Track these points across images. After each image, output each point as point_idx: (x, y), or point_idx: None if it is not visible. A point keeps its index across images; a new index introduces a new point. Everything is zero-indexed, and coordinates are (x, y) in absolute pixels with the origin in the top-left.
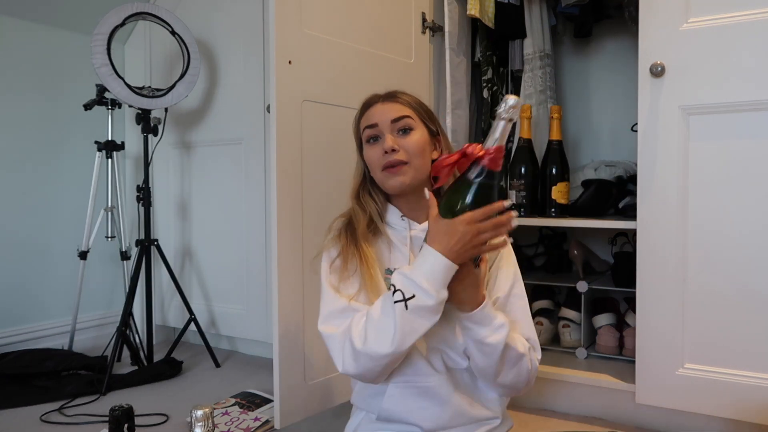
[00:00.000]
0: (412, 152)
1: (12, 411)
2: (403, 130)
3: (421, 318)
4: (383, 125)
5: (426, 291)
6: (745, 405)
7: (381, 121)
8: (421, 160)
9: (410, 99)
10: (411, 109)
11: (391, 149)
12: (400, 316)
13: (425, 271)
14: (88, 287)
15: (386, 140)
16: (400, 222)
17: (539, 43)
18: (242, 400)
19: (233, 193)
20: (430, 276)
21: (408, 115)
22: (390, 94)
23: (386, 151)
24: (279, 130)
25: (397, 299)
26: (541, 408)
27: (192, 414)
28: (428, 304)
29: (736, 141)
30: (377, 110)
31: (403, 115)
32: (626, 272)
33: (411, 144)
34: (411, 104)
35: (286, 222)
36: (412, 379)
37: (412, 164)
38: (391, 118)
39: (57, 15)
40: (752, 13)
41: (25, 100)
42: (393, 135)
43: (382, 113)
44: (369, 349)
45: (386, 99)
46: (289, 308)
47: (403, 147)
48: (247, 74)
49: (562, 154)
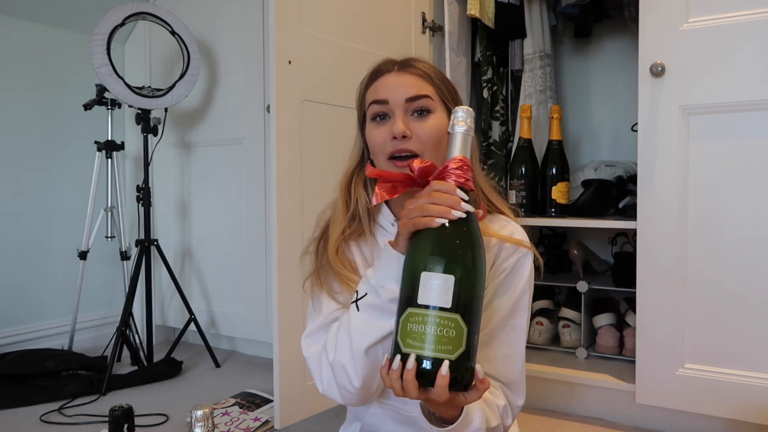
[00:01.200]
0: (426, 142)
1: (12, 411)
2: (419, 112)
3: (373, 317)
4: (395, 103)
5: (374, 287)
6: (745, 405)
7: (393, 98)
8: (434, 153)
9: (431, 70)
10: (431, 85)
11: (402, 135)
12: (353, 317)
13: (378, 267)
14: (88, 287)
15: (397, 122)
16: (391, 228)
17: (539, 43)
18: (242, 400)
19: (233, 193)
20: (381, 271)
21: (427, 95)
22: (406, 61)
23: (395, 136)
24: (279, 130)
25: (352, 300)
26: (541, 408)
27: (192, 414)
28: (375, 302)
29: (737, 141)
30: (390, 82)
31: (422, 94)
32: (626, 272)
33: (427, 132)
34: (432, 78)
35: (286, 222)
36: (397, 406)
37: (424, 156)
38: (407, 96)
39: (57, 15)
40: (752, 13)
41: (25, 100)
42: (406, 116)
43: (396, 88)
44: (339, 358)
45: (402, 68)
46: (289, 308)
47: (416, 134)
48: (247, 74)
49: (562, 154)
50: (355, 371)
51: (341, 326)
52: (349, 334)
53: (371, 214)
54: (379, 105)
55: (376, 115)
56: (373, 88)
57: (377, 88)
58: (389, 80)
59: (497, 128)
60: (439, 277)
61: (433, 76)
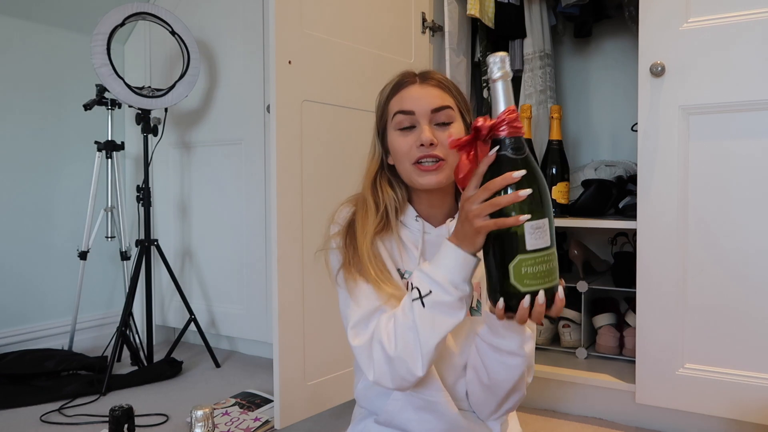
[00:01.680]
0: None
1: (12, 411)
2: (443, 122)
3: (441, 314)
4: (421, 113)
5: (441, 285)
6: (745, 405)
7: (419, 109)
8: (455, 158)
9: (450, 84)
10: (452, 97)
11: (430, 143)
12: (419, 314)
13: (441, 264)
14: (88, 287)
15: (424, 132)
16: (414, 223)
17: (539, 43)
18: (242, 400)
19: (233, 193)
20: (446, 269)
21: (450, 106)
22: (426, 74)
23: (423, 144)
24: (279, 130)
25: (414, 297)
26: (541, 408)
27: (192, 414)
28: (446, 300)
29: (737, 141)
30: (414, 93)
31: (445, 105)
32: (626, 272)
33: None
34: (451, 90)
35: (286, 222)
36: (420, 391)
37: (448, 161)
38: (432, 107)
39: (57, 15)
40: (752, 13)
41: (25, 100)
42: (430, 126)
43: (420, 99)
44: (401, 353)
45: (424, 80)
46: (289, 308)
47: (441, 141)
48: (247, 74)
49: (562, 154)
50: (421, 365)
51: (400, 322)
52: (416, 332)
53: (398, 211)
54: (404, 115)
55: (403, 124)
56: (397, 98)
57: (402, 98)
58: (414, 92)
59: None
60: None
61: (451, 87)
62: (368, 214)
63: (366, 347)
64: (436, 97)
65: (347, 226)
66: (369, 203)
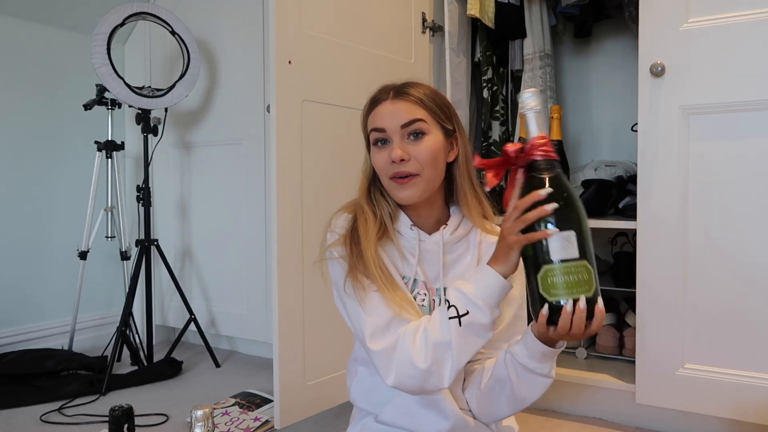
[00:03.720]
0: (423, 162)
1: (12, 411)
2: (415, 135)
3: (475, 335)
4: (391, 130)
5: (479, 307)
6: (745, 405)
7: (389, 126)
8: (433, 170)
9: (423, 95)
10: (424, 109)
11: (400, 159)
12: (455, 333)
13: (480, 287)
14: (88, 287)
15: (395, 149)
16: (409, 231)
17: (539, 43)
18: (242, 400)
19: (233, 193)
20: (484, 292)
21: (420, 118)
22: (400, 89)
23: (394, 160)
24: (279, 130)
25: (452, 315)
26: (541, 408)
27: (192, 414)
28: (482, 322)
29: (737, 141)
30: (386, 111)
31: (415, 119)
32: (626, 272)
33: (422, 152)
34: (424, 102)
35: (286, 222)
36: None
37: (423, 175)
38: (401, 123)
39: (57, 15)
40: (752, 13)
41: (25, 100)
42: (403, 140)
43: (390, 116)
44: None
45: (396, 96)
46: (289, 308)
47: (414, 156)
48: (247, 74)
49: (562, 154)
50: (448, 378)
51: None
52: (450, 349)
53: (392, 220)
54: (378, 132)
55: (377, 140)
56: (372, 116)
57: (375, 116)
58: (384, 109)
59: (497, 128)
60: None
61: (425, 99)
62: (368, 221)
63: (387, 353)
64: (405, 112)
65: (350, 234)
66: (367, 212)
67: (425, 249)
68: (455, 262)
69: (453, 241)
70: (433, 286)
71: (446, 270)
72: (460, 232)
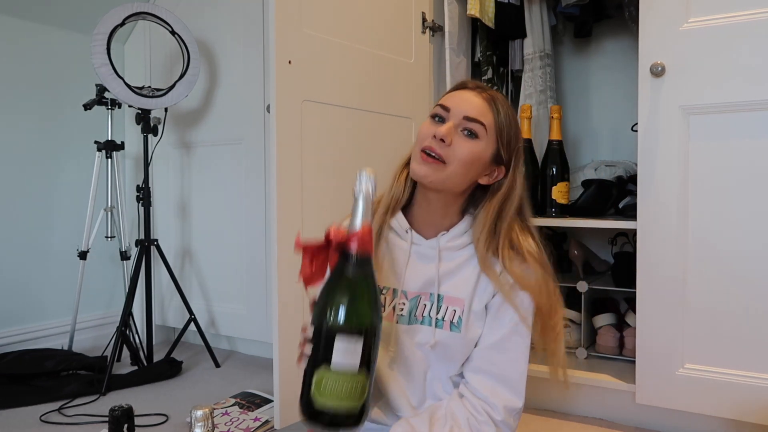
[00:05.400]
0: (458, 157)
1: (12, 411)
2: (469, 132)
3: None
4: (454, 114)
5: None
6: (745, 405)
7: (455, 109)
8: (461, 171)
9: (503, 111)
10: (493, 121)
11: (441, 138)
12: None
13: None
14: (88, 287)
15: (443, 126)
16: (403, 233)
17: (539, 43)
18: (242, 400)
19: (233, 193)
20: None
21: (483, 123)
22: (488, 91)
23: (435, 136)
24: (279, 130)
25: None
26: (541, 408)
27: (192, 414)
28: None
29: (737, 141)
30: (462, 96)
31: (479, 120)
32: (626, 272)
33: (463, 150)
34: (497, 117)
35: (286, 222)
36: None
37: (448, 169)
38: (466, 114)
39: (57, 15)
40: (752, 13)
41: (25, 100)
42: (456, 129)
43: (463, 102)
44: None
45: (480, 93)
46: (289, 308)
47: (454, 146)
48: (247, 74)
49: (562, 154)
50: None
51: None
52: None
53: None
54: (441, 109)
55: (436, 115)
56: (447, 95)
57: (450, 96)
58: (463, 94)
59: None
60: (350, 340)
61: (501, 115)
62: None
63: None
64: (476, 108)
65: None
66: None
67: (417, 252)
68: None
69: (452, 248)
70: (427, 291)
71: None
72: (461, 241)
